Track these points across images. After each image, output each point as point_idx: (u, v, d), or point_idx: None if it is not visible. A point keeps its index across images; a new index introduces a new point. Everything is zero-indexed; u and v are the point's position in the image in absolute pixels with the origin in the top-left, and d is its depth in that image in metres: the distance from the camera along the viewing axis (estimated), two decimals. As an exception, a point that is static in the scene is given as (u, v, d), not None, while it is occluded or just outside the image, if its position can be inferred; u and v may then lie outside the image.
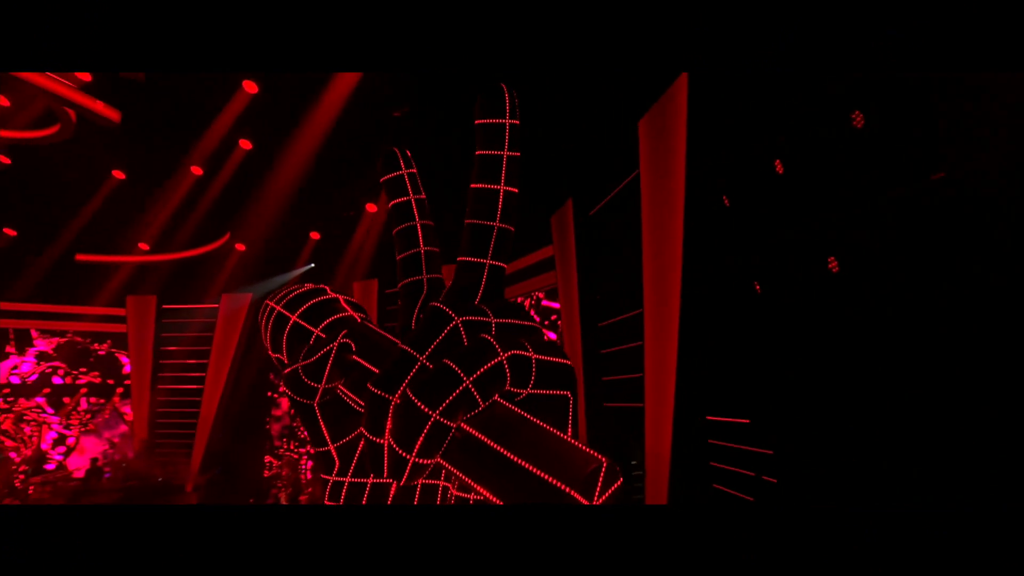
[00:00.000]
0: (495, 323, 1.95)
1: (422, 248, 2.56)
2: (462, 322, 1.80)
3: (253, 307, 11.79)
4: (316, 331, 2.29)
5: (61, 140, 7.28)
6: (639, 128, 4.97)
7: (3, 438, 11.16)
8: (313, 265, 12.02)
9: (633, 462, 5.41)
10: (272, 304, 2.61)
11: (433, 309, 1.82)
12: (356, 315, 2.44)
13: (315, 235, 11.11)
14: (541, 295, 7.88)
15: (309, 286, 2.59)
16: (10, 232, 10.57)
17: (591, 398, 5.83)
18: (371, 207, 9.92)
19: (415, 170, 2.67)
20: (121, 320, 11.68)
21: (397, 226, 2.60)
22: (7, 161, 8.75)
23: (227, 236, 10.27)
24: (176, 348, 11.76)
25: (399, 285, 2.55)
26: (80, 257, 10.14)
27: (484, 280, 2.23)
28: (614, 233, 5.65)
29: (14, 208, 9.72)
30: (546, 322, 7.54)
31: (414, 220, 2.58)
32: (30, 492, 9.83)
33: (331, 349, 2.08)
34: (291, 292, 2.59)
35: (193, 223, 9.82)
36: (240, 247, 11.26)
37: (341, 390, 2.08)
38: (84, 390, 11.65)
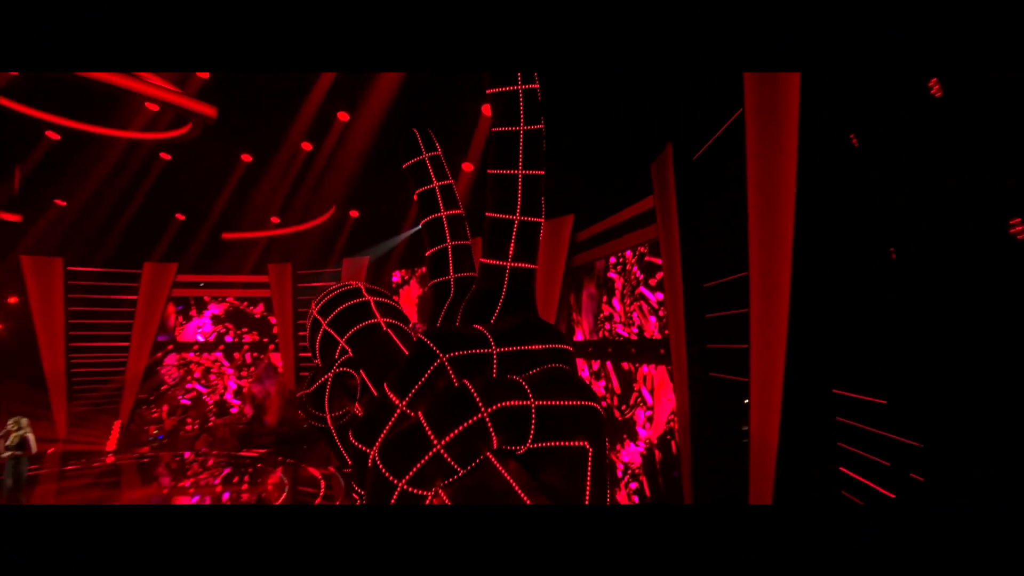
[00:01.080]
0: (497, 354, 1.61)
1: (449, 243, 2.30)
2: (449, 360, 1.49)
3: (371, 269, 12.66)
4: (342, 342, 2.19)
5: (194, 137, 8.15)
6: (744, 52, 4.09)
7: (196, 384, 13.57)
8: (421, 226, 12.49)
9: (744, 427, 4.89)
10: (312, 305, 2.56)
11: (418, 344, 1.54)
12: (383, 320, 2.31)
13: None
14: (643, 250, 7.27)
15: (349, 286, 2.49)
16: (180, 216, 12.38)
17: (694, 367, 5.30)
18: (467, 166, 9.84)
19: (439, 152, 2.38)
20: (266, 286, 13.30)
21: (423, 217, 2.36)
22: (168, 157, 10.11)
23: (332, 209, 10.92)
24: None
25: (428, 285, 2.35)
26: (225, 235, 11.59)
27: (505, 287, 1.91)
28: (717, 182, 4.89)
29: (179, 196, 11.31)
30: (651, 280, 6.96)
31: (439, 211, 2.33)
32: (218, 433, 11.91)
33: (326, 380, 1.96)
34: (327, 295, 2.51)
35: (310, 194, 10.61)
36: (354, 213, 12.00)
37: (359, 411, 1.97)
38: (247, 347, 13.63)
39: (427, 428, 1.23)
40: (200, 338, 13.61)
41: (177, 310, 13.48)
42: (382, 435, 1.35)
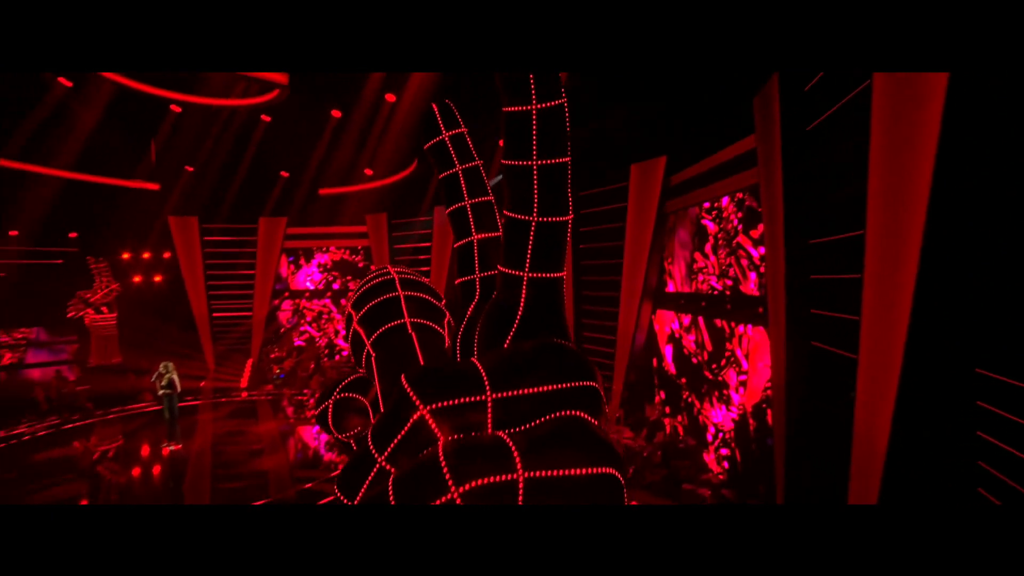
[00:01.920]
0: (492, 402, 1.35)
1: (475, 236, 2.07)
2: (432, 412, 1.27)
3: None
4: (368, 344, 2.11)
5: (284, 99, 8.46)
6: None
7: (307, 327, 14.95)
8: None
9: (851, 394, 4.31)
10: (350, 296, 2.50)
11: (398, 391, 1.34)
12: (409, 321, 2.17)
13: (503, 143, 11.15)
14: (742, 196, 6.46)
15: (386, 275, 2.38)
16: (284, 174, 13.25)
17: (794, 334, 4.70)
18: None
19: (462, 129, 2.10)
20: (365, 235, 14.02)
21: (448, 206, 2.14)
22: (268, 119, 10.70)
23: (415, 163, 10.97)
24: (407, 257, 13.72)
25: (456, 282, 2.16)
26: (322, 191, 12.20)
27: (523, 301, 1.63)
28: (834, 118, 4.06)
29: (281, 155, 12.05)
30: (754, 232, 6.21)
31: (463, 199, 2.08)
32: (328, 374, 13.12)
33: (327, 407, 1.87)
34: (362, 286, 2.43)
35: (398, 144, 10.74)
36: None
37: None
38: (351, 293, 14.64)
39: (393, 503, 1.08)
40: (310, 285, 14.84)
41: (289, 260, 14.75)
42: (361, 491, 1.23)
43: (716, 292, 6.99)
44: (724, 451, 6.51)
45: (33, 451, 8.73)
